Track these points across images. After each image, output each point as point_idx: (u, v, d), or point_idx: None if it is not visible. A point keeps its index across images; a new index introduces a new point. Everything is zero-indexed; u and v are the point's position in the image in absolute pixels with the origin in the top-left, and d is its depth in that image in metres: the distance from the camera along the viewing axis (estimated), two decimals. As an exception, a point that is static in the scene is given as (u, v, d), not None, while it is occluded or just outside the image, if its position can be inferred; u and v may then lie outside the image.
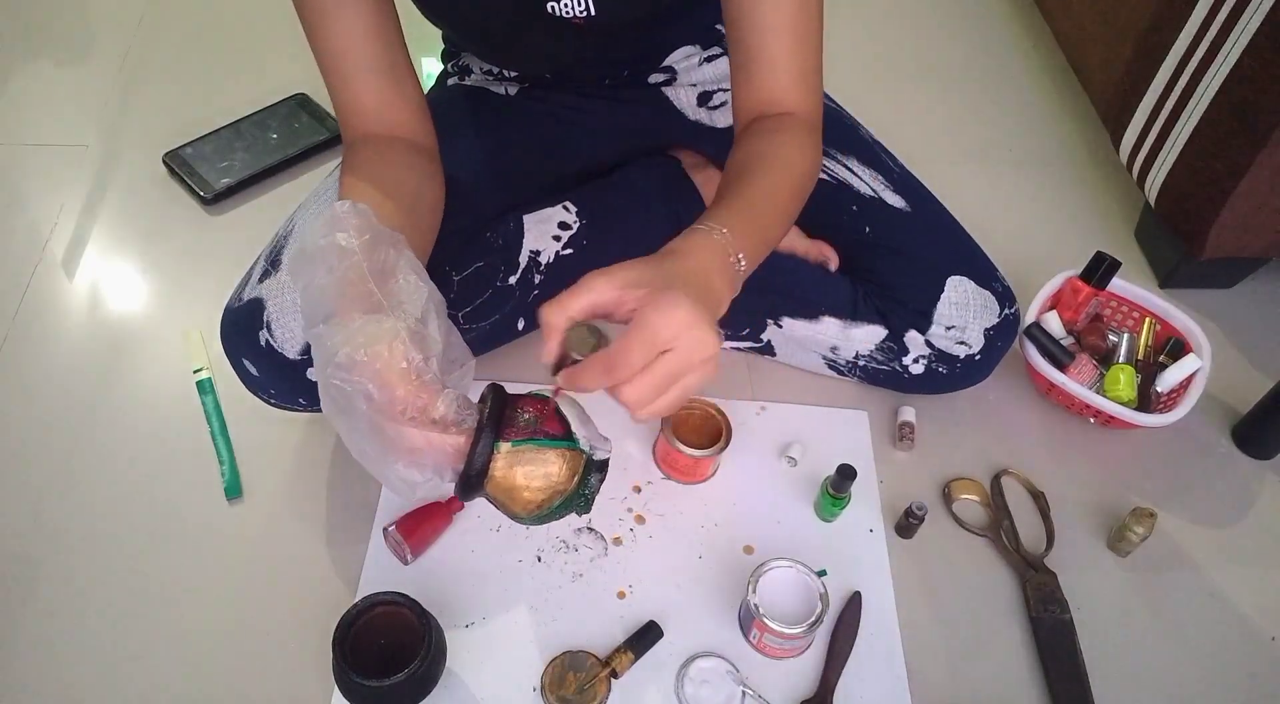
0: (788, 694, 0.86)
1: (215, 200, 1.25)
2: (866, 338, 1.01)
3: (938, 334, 0.98)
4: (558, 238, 1.00)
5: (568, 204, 1.02)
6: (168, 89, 1.42)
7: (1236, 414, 1.09)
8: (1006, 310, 0.99)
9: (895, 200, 1.03)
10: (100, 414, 1.03)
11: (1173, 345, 1.07)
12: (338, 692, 0.82)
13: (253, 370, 0.88)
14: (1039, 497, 1.01)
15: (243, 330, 0.87)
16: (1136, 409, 1.02)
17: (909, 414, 1.05)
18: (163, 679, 0.85)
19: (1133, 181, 1.23)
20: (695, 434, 0.97)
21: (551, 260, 0.99)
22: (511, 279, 0.98)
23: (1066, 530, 0.99)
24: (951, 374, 1.01)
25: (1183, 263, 1.19)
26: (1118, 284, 1.09)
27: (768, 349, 1.08)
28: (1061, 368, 1.03)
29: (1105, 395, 1.03)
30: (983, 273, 1.00)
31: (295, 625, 0.88)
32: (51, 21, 1.52)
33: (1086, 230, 1.30)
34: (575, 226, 1.01)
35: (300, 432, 1.02)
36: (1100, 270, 1.07)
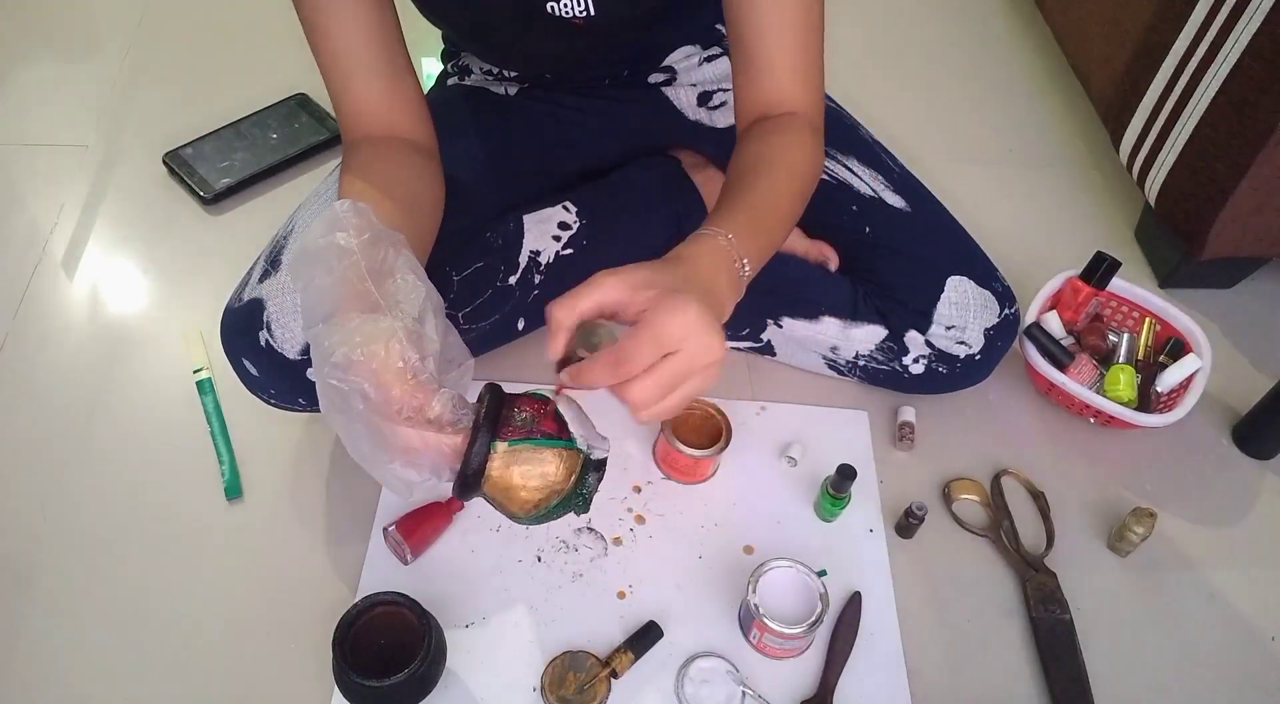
0: (788, 694, 0.86)
1: (215, 200, 1.25)
2: (866, 338, 1.01)
3: (938, 334, 0.98)
4: (558, 238, 1.00)
5: (568, 204, 1.02)
6: (168, 89, 1.42)
7: (1236, 414, 1.09)
8: (1006, 310, 0.99)
9: (895, 200, 1.03)
10: (100, 414, 1.03)
11: (1173, 345, 1.07)
12: (338, 692, 0.82)
13: (253, 370, 0.88)
14: (1039, 497, 1.01)
15: (243, 330, 0.87)
16: (1136, 409, 1.02)
17: (909, 414, 1.05)
18: (162, 679, 0.85)
19: (1133, 181, 1.24)
20: (695, 434, 0.97)
21: (551, 260, 0.99)
22: (511, 279, 0.98)
23: (1066, 530, 0.99)
24: (951, 374, 1.01)
25: (1183, 263, 1.19)
26: (1118, 284, 1.09)
27: (768, 349, 1.08)
28: (1061, 368, 1.03)
29: (1105, 395, 1.03)
30: (983, 273, 1.00)
31: (295, 625, 0.88)
32: (51, 21, 1.52)
33: (1086, 230, 1.30)
34: (575, 226, 1.01)
35: (300, 432, 1.02)
36: (1100, 270, 1.07)
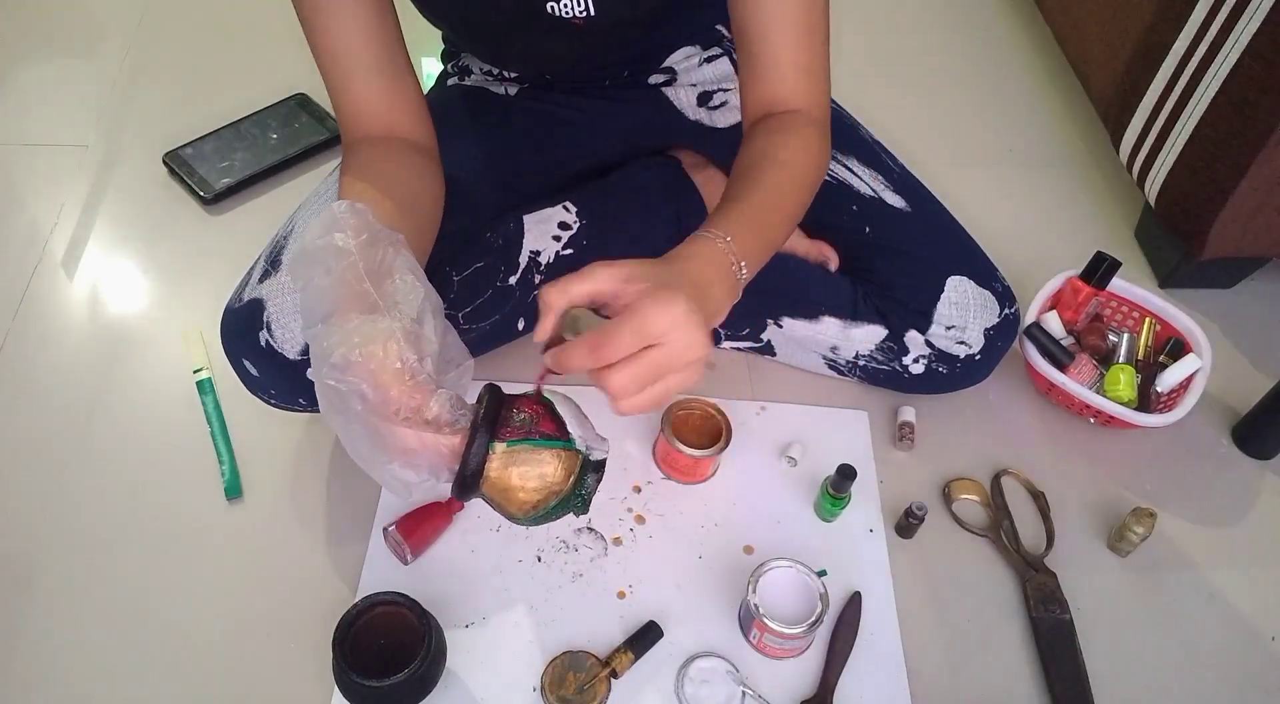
0: (788, 694, 0.86)
1: (215, 200, 1.25)
2: (866, 338, 1.01)
3: (938, 334, 0.98)
4: (558, 238, 1.00)
5: (568, 204, 1.02)
6: (168, 89, 1.42)
7: (1236, 414, 1.09)
8: (1006, 310, 0.99)
9: (895, 200, 1.03)
10: (100, 414, 1.03)
11: (1173, 345, 1.07)
12: (338, 692, 0.82)
13: (253, 371, 0.88)
14: (1039, 497, 1.01)
15: (243, 331, 0.87)
16: (1136, 409, 1.02)
17: (909, 414, 1.05)
18: (162, 679, 0.85)
19: (1133, 181, 1.23)
20: (695, 434, 0.97)
21: (551, 260, 0.99)
22: (511, 279, 0.98)
23: (1066, 530, 0.99)
24: (951, 374, 1.01)
25: (1183, 263, 1.19)
26: (1118, 284, 1.09)
27: (768, 349, 1.08)
28: (1061, 368, 1.03)
29: (1105, 395, 1.03)
30: (983, 273, 1.00)
31: (295, 625, 0.88)
32: (51, 21, 1.52)
33: (1086, 230, 1.30)
34: (575, 227, 1.01)
35: (300, 432, 1.02)
36: (1100, 270, 1.07)
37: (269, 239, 0.94)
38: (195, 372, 1.06)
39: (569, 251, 1.00)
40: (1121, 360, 1.06)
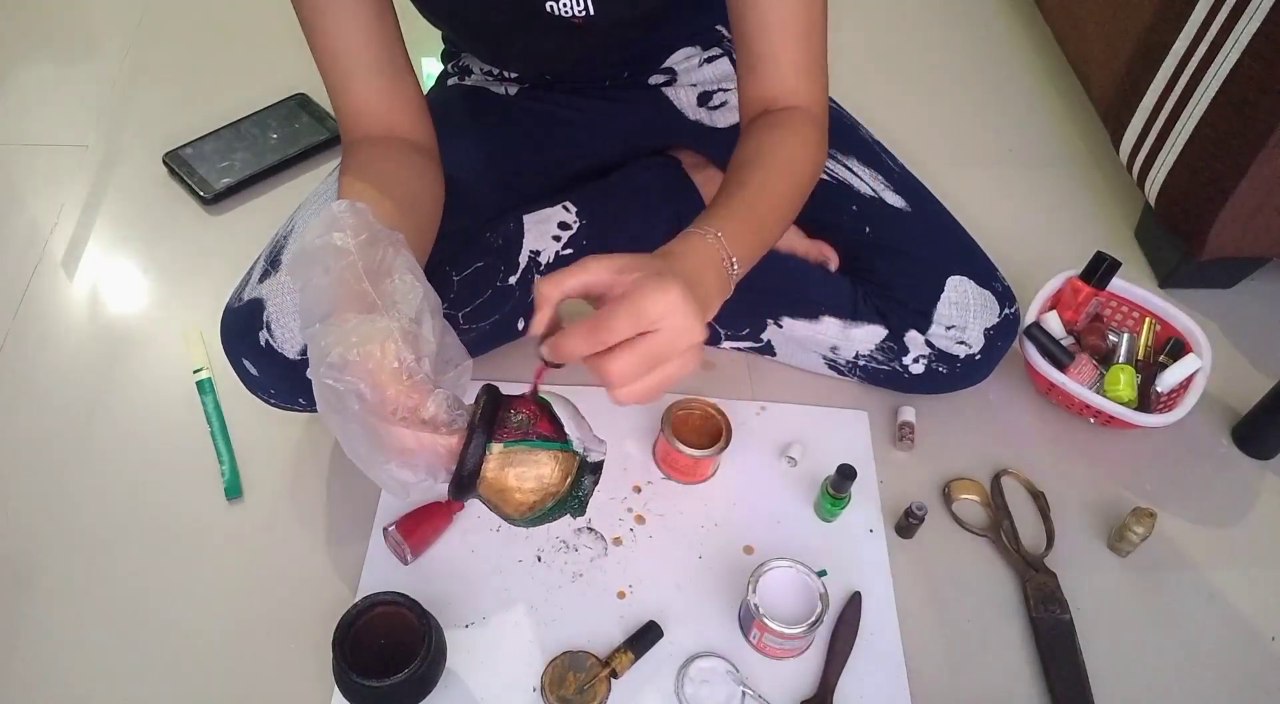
0: (788, 694, 0.86)
1: (215, 200, 1.25)
2: (866, 338, 1.01)
3: (938, 334, 0.98)
4: (557, 238, 1.00)
5: (568, 204, 1.02)
6: (168, 89, 1.42)
7: (1236, 414, 1.09)
8: (1006, 310, 0.99)
9: (895, 200, 1.03)
10: (100, 414, 1.03)
11: (1173, 345, 1.07)
12: (338, 692, 0.82)
13: (253, 370, 0.88)
14: (1039, 497, 1.01)
15: (243, 331, 0.87)
16: (1136, 409, 1.02)
17: (909, 414, 1.05)
18: (162, 679, 0.85)
19: (1133, 181, 1.23)
20: (695, 434, 0.97)
21: (551, 260, 0.99)
22: (511, 279, 0.97)
23: (1066, 530, 0.99)
24: (951, 374, 1.01)
25: (1183, 263, 1.19)
26: (1118, 284, 1.09)
27: (768, 349, 1.08)
28: (1061, 368, 1.03)
29: (1105, 395, 1.03)
30: (983, 273, 1.00)
31: (295, 625, 0.88)
32: (51, 21, 1.52)
33: (1086, 230, 1.30)
34: (575, 227, 1.01)
35: (300, 432, 1.02)
36: (1100, 270, 1.07)
37: (269, 239, 0.94)
38: (195, 372, 1.06)
39: (569, 252, 1.00)
40: (1121, 360, 1.06)
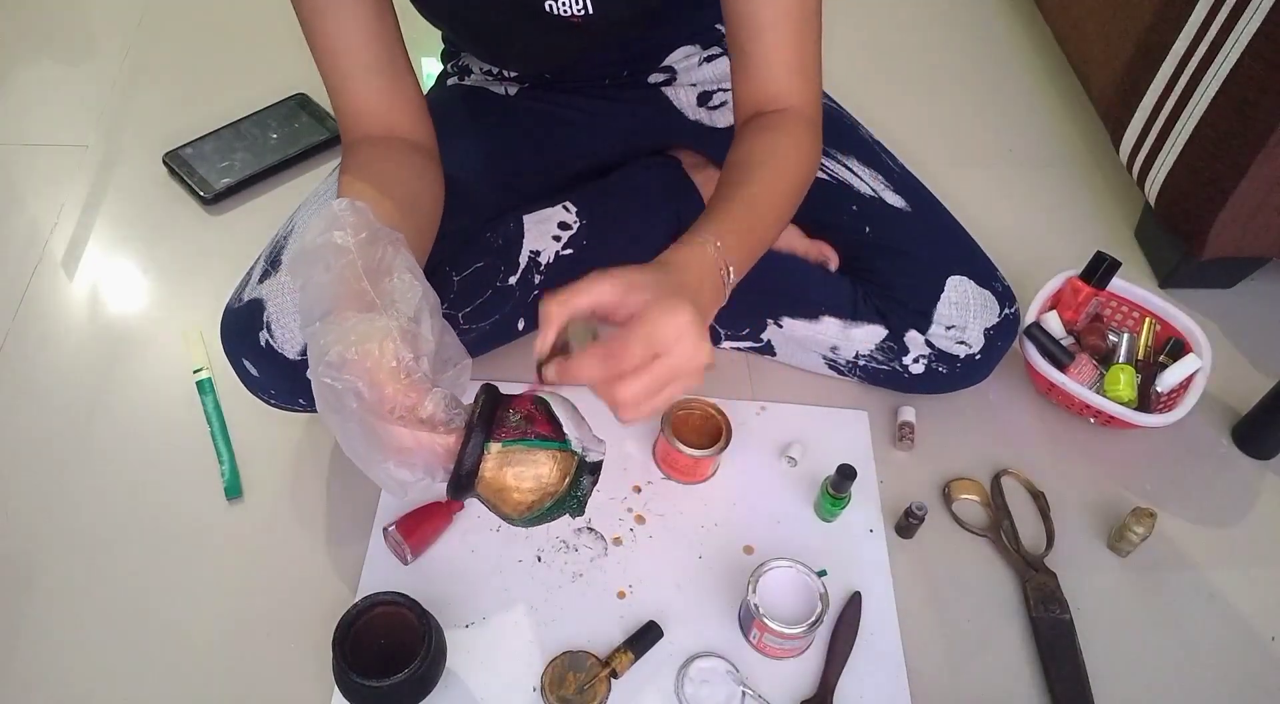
0: (788, 694, 0.86)
1: (215, 200, 1.25)
2: (866, 338, 1.01)
3: (938, 334, 0.98)
4: (557, 238, 1.00)
5: (567, 204, 1.02)
6: (168, 89, 1.42)
7: (1236, 414, 1.09)
8: (1006, 310, 0.99)
9: (895, 200, 1.03)
10: (100, 414, 1.03)
11: (1173, 345, 1.07)
12: (338, 692, 0.82)
13: (253, 371, 0.88)
14: (1039, 497, 1.01)
15: (243, 331, 0.87)
16: (1136, 409, 1.02)
17: (909, 414, 1.05)
18: (162, 679, 0.85)
19: (1133, 181, 1.23)
20: (695, 434, 0.97)
21: (551, 260, 0.99)
22: (511, 279, 0.98)
23: (1066, 530, 0.99)
24: (951, 374, 1.00)
25: (1183, 263, 1.19)
26: (1118, 284, 1.09)
27: (768, 349, 1.08)
28: (1061, 368, 1.03)
29: (1105, 395, 1.03)
30: (983, 273, 1.00)
31: (295, 625, 0.88)
32: (51, 21, 1.52)
33: (1086, 230, 1.30)
34: (575, 227, 1.01)
35: (300, 432, 1.02)
36: (1100, 270, 1.07)
37: (269, 239, 0.94)
38: (195, 372, 1.06)
39: (569, 252, 1.00)
40: (1121, 360, 1.06)
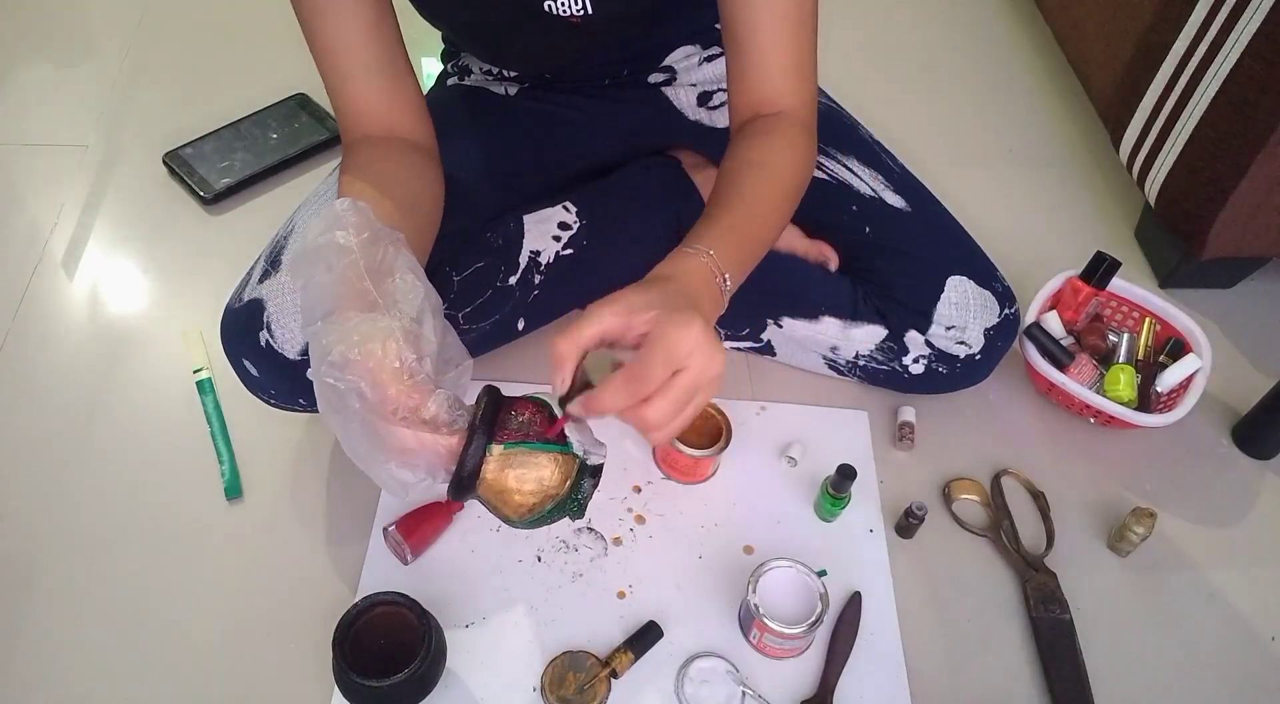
0: (788, 694, 0.86)
1: (215, 200, 1.25)
2: (866, 338, 1.01)
3: (938, 334, 0.98)
4: (558, 238, 1.00)
5: (568, 204, 1.02)
6: (168, 89, 1.42)
7: (1236, 414, 1.09)
8: (1006, 310, 0.99)
9: (895, 200, 1.03)
10: (100, 414, 1.03)
11: (1173, 345, 1.07)
12: (338, 692, 0.82)
13: (253, 371, 0.88)
14: (1039, 497, 1.01)
15: (243, 331, 0.87)
16: (1136, 409, 1.02)
17: (909, 414, 1.05)
18: (162, 679, 0.85)
19: (1133, 181, 1.23)
20: (695, 434, 0.97)
21: (551, 260, 0.99)
22: (511, 279, 0.97)
23: (1066, 530, 0.99)
24: (951, 374, 1.00)
25: (1183, 263, 1.19)
26: (1118, 284, 1.09)
27: (768, 349, 1.08)
28: (1061, 368, 1.03)
29: (1105, 395, 1.03)
30: (983, 273, 1.00)
31: (295, 625, 0.88)
32: (51, 21, 1.52)
33: (1086, 230, 1.30)
34: (575, 227, 1.01)
35: (300, 432, 1.02)
36: (1100, 270, 1.07)
37: (269, 239, 0.94)
38: (195, 372, 1.06)
39: (569, 252, 1.00)
40: (1121, 360, 1.06)
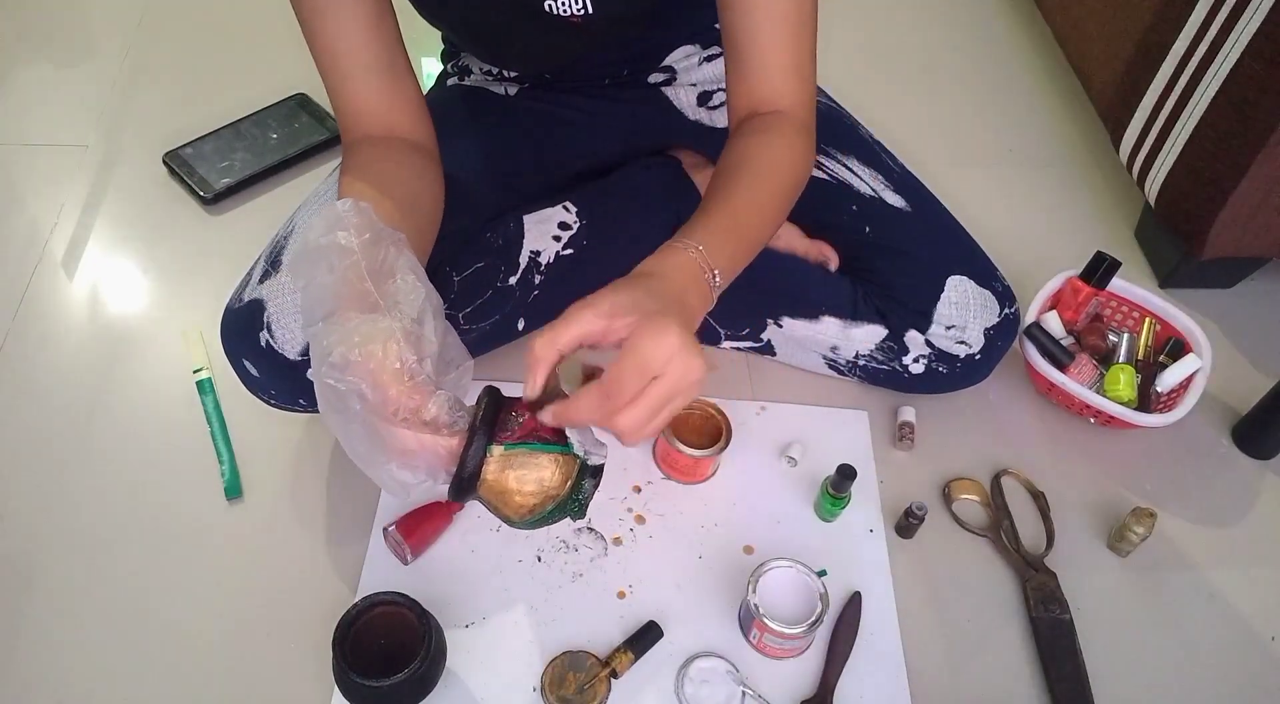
0: (788, 694, 0.86)
1: (215, 200, 1.25)
2: (866, 338, 1.01)
3: (938, 334, 0.98)
4: (558, 238, 1.00)
5: (568, 204, 1.02)
6: (168, 89, 1.42)
7: (1236, 414, 1.09)
8: (1006, 310, 0.99)
9: (895, 200, 1.03)
10: (100, 414, 1.03)
11: (1173, 345, 1.07)
12: (338, 692, 0.82)
13: (253, 371, 0.88)
14: (1039, 497, 1.01)
15: (243, 331, 0.87)
16: (1136, 409, 1.02)
17: (909, 414, 1.05)
18: (163, 679, 0.85)
19: (1133, 181, 1.23)
20: (695, 434, 0.97)
21: (551, 260, 0.99)
22: (512, 279, 0.97)
23: (1066, 530, 0.99)
24: (951, 374, 1.00)
25: (1183, 263, 1.19)
26: (1118, 284, 1.09)
27: (768, 349, 1.08)
28: (1061, 368, 1.03)
29: (1105, 395, 1.03)
30: (983, 272, 1.00)
31: (295, 625, 0.88)
32: (51, 21, 1.52)
33: (1086, 230, 1.30)
34: (575, 227, 1.01)
35: (300, 432, 1.02)
36: (1100, 270, 1.07)
37: (269, 239, 0.94)
38: (195, 372, 1.06)
39: (569, 252, 1.00)
40: (1121, 360, 1.06)
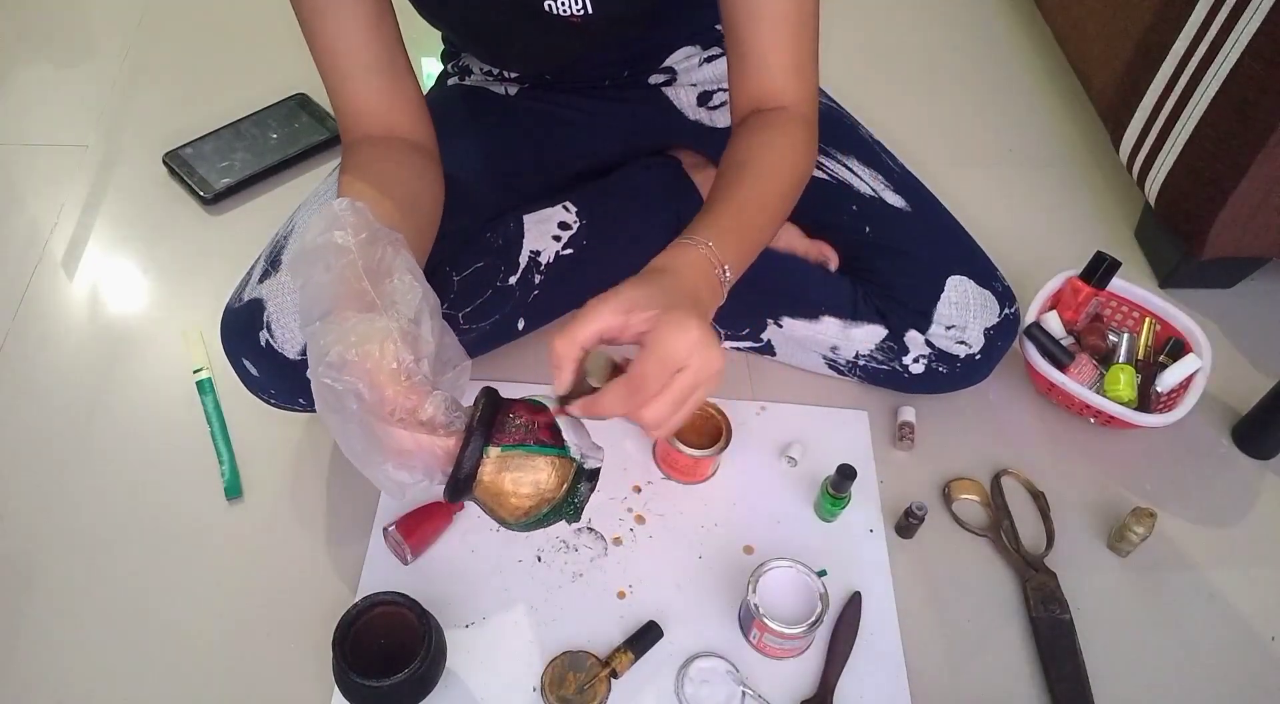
0: (788, 694, 0.86)
1: (215, 200, 1.25)
2: (866, 338, 1.01)
3: (938, 334, 0.98)
4: (558, 238, 1.00)
5: (568, 204, 1.02)
6: (168, 89, 1.42)
7: (1236, 414, 1.09)
8: (1006, 310, 0.99)
9: (895, 200, 1.03)
10: (100, 414, 1.03)
11: (1173, 345, 1.07)
12: (338, 692, 0.82)
13: (253, 371, 0.88)
14: (1039, 497, 1.01)
15: (243, 331, 0.87)
16: (1136, 409, 1.02)
17: (909, 414, 1.05)
18: (162, 679, 0.85)
19: (1133, 181, 1.23)
20: (695, 434, 0.97)
21: (551, 260, 0.99)
22: (511, 279, 0.97)
23: (1066, 530, 0.99)
24: (951, 374, 1.00)
25: (1183, 263, 1.19)
26: (1118, 284, 1.09)
27: (768, 349, 1.08)
28: (1061, 368, 1.03)
29: (1105, 395, 1.03)
30: (983, 272, 1.00)
31: (295, 625, 0.88)
32: (51, 21, 1.52)
33: (1086, 230, 1.30)
34: (575, 227, 1.01)
35: (300, 432, 1.02)
36: (1100, 270, 1.07)
37: (269, 239, 0.94)
38: (195, 372, 1.06)
39: (569, 251, 1.00)
40: (1121, 360, 1.06)
